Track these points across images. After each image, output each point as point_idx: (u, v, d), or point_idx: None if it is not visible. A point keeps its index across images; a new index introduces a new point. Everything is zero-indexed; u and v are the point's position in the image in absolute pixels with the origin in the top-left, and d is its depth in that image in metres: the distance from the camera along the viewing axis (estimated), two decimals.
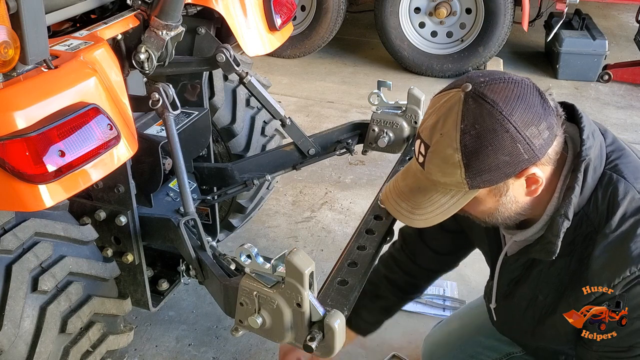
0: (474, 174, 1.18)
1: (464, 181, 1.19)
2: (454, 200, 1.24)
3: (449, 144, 1.18)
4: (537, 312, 1.44)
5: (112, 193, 1.83)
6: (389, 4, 5.09)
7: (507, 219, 1.32)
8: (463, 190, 1.22)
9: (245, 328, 1.47)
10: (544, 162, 1.21)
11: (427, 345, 2.07)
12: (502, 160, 1.16)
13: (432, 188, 1.26)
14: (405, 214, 1.31)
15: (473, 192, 1.22)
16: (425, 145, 1.23)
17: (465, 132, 1.16)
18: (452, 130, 1.17)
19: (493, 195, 1.24)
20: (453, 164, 1.18)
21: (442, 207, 1.25)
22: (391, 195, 1.35)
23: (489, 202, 1.26)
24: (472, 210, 1.31)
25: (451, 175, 1.20)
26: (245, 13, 2.16)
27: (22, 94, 1.34)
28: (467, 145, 1.16)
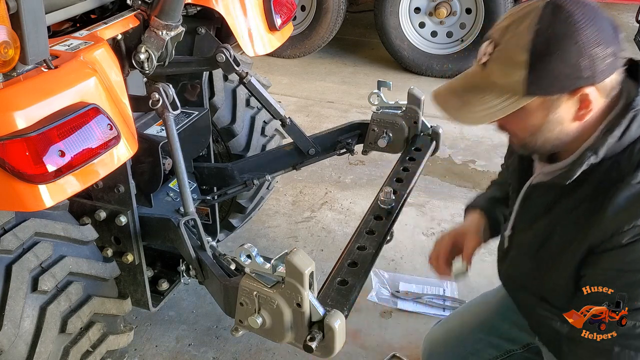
0: (534, 79, 1.20)
1: (522, 83, 1.21)
2: (505, 104, 1.25)
3: (519, 43, 1.21)
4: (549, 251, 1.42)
5: (112, 193, 1.83)
6: (389, 4, 5.09)
7: (545, 143, 1.33)
8: (518, 95, 1.23)
9: (245, 328, 1.47)
10: (599, 88, 1.23)
11: (427, 342, 2.07)
12: (563, 71, 1.19)
13: (487, 89, 1.27)
14: (454, 110, 1.32)
15: (525, 100, 1.24)
16: (494, 44, 1.25)
17: (538, 35, 1.19)
18: (525, 31, 1.20)
19: (543, 109, 1.26)
20: (517, 65, 1.21)
21: (491, 108, 1.27)
22: (443, 92, 1.37)
23: (536, 117, 1.28)
24: (517, 124, 1.32)
25: (511, 76, 1.22)
26: (245, 13, 2.16)
27: (22, 94, 1.34)
28: (536, 47, 1.19)
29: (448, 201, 3.44)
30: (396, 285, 2.76)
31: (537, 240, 1.46)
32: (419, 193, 3.48)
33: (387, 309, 2.65)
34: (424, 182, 3.58)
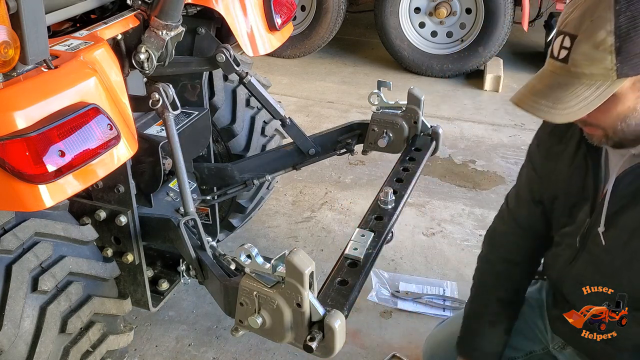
0: (625, 58, 1.18)
1: (613, 67, 1.19)
2: (598, 92, 1.22)
3: (602, 26, 1.18)
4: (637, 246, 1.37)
5: (112, 193, 1.83)
6: (389, 4, 5.09)
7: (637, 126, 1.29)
8: (609, 80, 1.21)
9: (245, 328, 1.47)
10: None
11: (428, 345, 2.07)
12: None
13: (575, 82, 1.24)
14: (546, 110, 1.28)
15: (618, 83, 1.21)
16: (570, 38, 1.23)
17: (620, 13, 1.16)
18: (605, 13, 1.18)
19: (635, 90, 1.23)
20: (604, 49, 1.18)
21: (585, 99, 1.23)
22: (526, 96, 1.33)
23: (629, 99, 1.25)
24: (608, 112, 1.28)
25: (600, 63, 1.20)
26: (245, 13, 2.16)
27: (22, 94, 1.34)
28: (621, 27, 1.16)
29: (448, 201, 3.45)
30: (396, 285, 2.76)
31: (624, 236, 1.41)
32: (419, 193, 3.48)
33: (387, 309, 2.65)
34: (424, 182, 3.58)
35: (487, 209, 3.36)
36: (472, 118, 4.50)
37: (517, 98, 1.34)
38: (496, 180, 3.67)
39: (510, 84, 5.00)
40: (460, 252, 3.01)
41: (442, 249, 3.04)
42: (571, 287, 1.59)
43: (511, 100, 1.36)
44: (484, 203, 3.43)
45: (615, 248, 1.42)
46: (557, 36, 1.27)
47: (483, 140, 4.16)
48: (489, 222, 3.23)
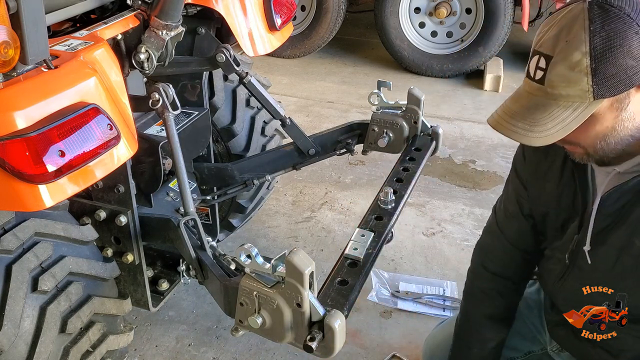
0: (601, 80, 1.16)
1: (589, 89, 1.17)
2: (576, 114, 1.20)
3: (577, 47, 1.16)
4: (631, 261, 1.36)
5: (112, 193, 1.83)
6: (389, 4, 5.09)
7: (617, 144, 1.28)
8: (586, 101, 1.19)
9: (245, 328, 1.47)
10: None
11: (428, 345, 2.07)
12: (629, 64, 1.15)
13: (552, 103, 1.23)
14: (523, 133, 1.27)
15: (595, 104, 1.19)
16: (545, 58, 1.21)
17: (595, 34, 1.15)
18: (580, 34, 1.16)
19: (613, 110, 1.22)
20: (580, 71, 1.17)
21: (563, 122, 1.22)
22: (503, 119, 1.31)
23: (608, 119, 1.23)
24: (588, 132, 1.26)
25: (576, 84, 1.18)
26: (245, 13, 2.16)
27: (22, 94, 1.34)
28: (596, 48, 1.15)
29: (448, 201, 3.45)
30: (396, 285, 2.76)
31: (613, 254, 1.39)
32: (419, 193, 3.48)
33: (387, 309, 2.65)
34: (424, 182, 3.58)
35: (487, 209, 3.35)
36: (472, 118, 4.50)
37: (493, 120, 1.33)
38: (496, 180, 3.67)
39: (510, 84, 5.00)
40: (460, 252, 3.01)
41: (442, 249, 3.04)
42: (562, 301, 1.59)
43: (488, 122, 1.34)
44: (484, 203, 3.43)
45: (603, 266, 1.41)
46: (532, 56, 1.25)
47: (483, 140, 4.16)
48: None
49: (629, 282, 1.38)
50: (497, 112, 1.34)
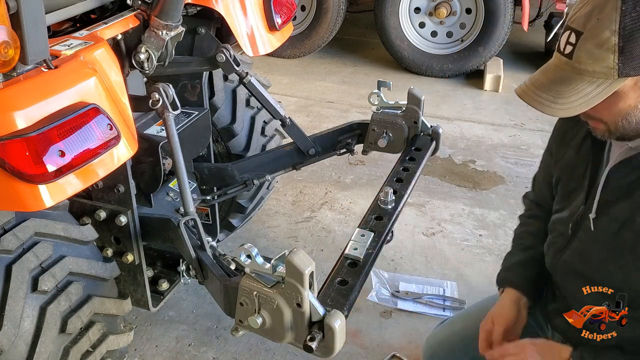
0: (627, 59, 1.20)
1: (615, 67, 1.21)
2: (599, 89, 1.25)
3: (607, 26, 1.20)
4: (631, 236, 1.39)
5: (112, 193, 1.83)
6: (389, 4, 5.09)
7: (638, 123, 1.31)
8: (611, 78, 1.23)
9: (245, 328, 1.47)
10: None
11: (428, 345, 2.07)
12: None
13: (577, 78, 1.27)
14: (547, 104, 1.31)
15: (619, 82, 1.23)
16: (576, 34, 1.25)
17: (626, 14, 1.19)
18: (611, 13, 1.20)
19: (637, 89, 1.26)
20: (607, 49, 1.21)
21: (586, 96, 1.26)
22: (529, 89, 1.36)
23: (630, 98, 1.27)
24: (610, 109, 1.30)
25: (603, 61, 1.22)
26: (245, 13, 2.16)
27: (22, 94, 1.34)
28: (626, 27, 1.19)
29: (448, 201, 3.45)
30: (396, 285, 2.76)
31: (614, 227, 1.42)
32: (419, 193, 3.48)
33: (387, 309, 2.65)
34: (424, 182, 3.58)
35: (487, 209, 3.36)
36: (472, 118, 4.50)
37: (520, 90, 1.37)
38: (496, 180, 3.67)
39: (510, 84, 5.00)
40: (460, 252, 3.01)
41: (442, 249, 3.04)
42: (560, 276, 1.62)
43: (515, 92, 1.38)
44: (484, 203, 3.43)
45: (604, 237, 1.44)
46: (564, 31, 1.29)
47: (483, 140, 4.16)
48: (489, 222, 3.24)
49: (626, 259, 1.41)
50: (525, 82, 1.38)
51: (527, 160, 3.85)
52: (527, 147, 4.00)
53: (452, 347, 1.94)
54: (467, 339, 1.92)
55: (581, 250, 1.52)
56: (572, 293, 1.59)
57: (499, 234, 3.15)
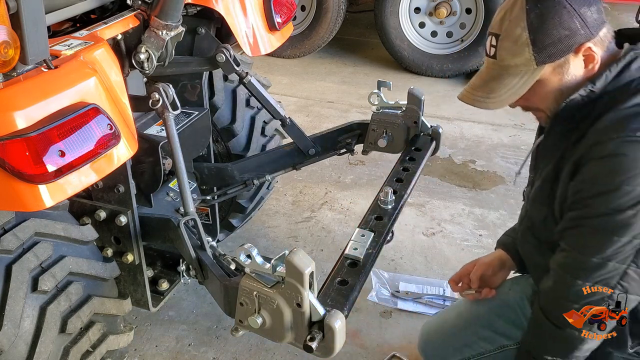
0: (540, 48, 1.39)
1: (531, 57, 1.40)
2: (524, 80, 1.44)
3: (518, 24, 1.40)
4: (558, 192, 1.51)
5: (112, 193, 1.83)
6: (389, 4, 5.08)
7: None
8: (531, 68, 1.42)
9: (245, 328, 1.47)
10: (596, 42, 1.41)
11: (423, 333, 2.09)
12: (562, 34, 1.38)
13: (504, 74, 1.46)
14: (481, 100, 1.51)
15: (539, 70, 1.42)
16: (495, 37, 1.46)
17: (530, 12, 1.39)
18: (519, 13, 1.41)
19: (557, 74, 1.44)
20: (522, 43, 1.40)
21: (513, 87, 1.45)
22: (467, 91, 1.56)
23: (554, 82, 1.45)
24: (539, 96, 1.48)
25: (520, 55, 1.41)
26: (245, 13, 2.16)
27: (22, 94, 1.34)
28: (532, 22, 1.39)
29: (448, 201, 3.45)
30: (396, 285, 2.76)
31: (547, 186, 1.57)
32: (419, 193, 3.48)
33: (387, 309, 2.65)
34: (424, 182, 3.58)
35: (487, 209, 3.36)
36: (472, 118, 4.49)
37: (460, 94, 1.58)
38: (496, 180, 3.67)
39: None
40: (460, 252, 3.01)
41: (442, 249, 3.04)
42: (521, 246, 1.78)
43: (457, 97, 1.59)
44: (484, 203, 3.43)
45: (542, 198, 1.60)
46: (487, 37, 1.49)
47: (483, 140, 4.16)
48: (489, 222, 3.24)
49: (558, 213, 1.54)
50: (465, 87, 1.58)
51: None
52: (527, 147, 3.99)
53: (445, 333, 1.98)
54: (459, 325, 1.96)
55: (530, 215, 1.68)
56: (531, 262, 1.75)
57: (499, 234, 3.09)
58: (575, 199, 1.43)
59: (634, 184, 1.31)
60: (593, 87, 1.42)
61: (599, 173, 1.37)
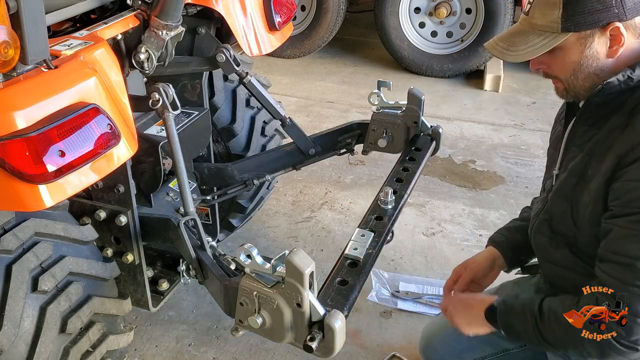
0: (569, 14, 1.37)
1: (558, 21, 1.38)
2: (545, 41, 1.42)
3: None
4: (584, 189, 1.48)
5: (112, 193, 1.83)
6: (389, 4, 5.08)
7: (585, 81, 1.45)
8: (555, 32, 1.40)
9: (245, 328, 1.47)
10: (629, 26, 1.37)
11: (424, 336, 2.09)
12: (595, 6, 1.35)
13: (529, 30, 1.45)
14: (501, 50, 1.52)
15: (562, 36, 1.40)
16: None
17: None
18: None
19: (579, 45, 1.41)
20: (554, 4, 1.39)
21: (533, 46, 1.44)
22: (494, 41, 1.56)
23: (574, 53, 1.42)
24: (558, 63, 1.46)
25: (549, 16, 1.40)
26: (245, 13, 2.16)
27: (22, 94, 1.34)
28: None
29: (448, 201, 3.45)
30: (396, 285, 2.76)
31: (572, 180, 1.53)
32: (419, 193, 3.48)
33: (387, 309, 2.65)
34: (424, 182, 3.58)
35: (487, 209, 3.36)
36: (472, 118, 4.50)
37: (487, 42, 1.58)
38: (496, 180, 3.67)
39: (510, 84, 5.00)
40: (460, 252, 3.01)
41: (442, 249, 3.04)
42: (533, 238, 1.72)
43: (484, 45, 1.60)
44: (484, 203, 3.43)
45: (564, 191, 1.56)
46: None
47: (483, 140, 4.16)
48: (489, 222, 3.24)
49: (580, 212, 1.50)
50: (495, 37, 1.58)
51: (527, 160, 3.85)
52: (527, 147, 4.00)
53: (446, 336, 1.97)
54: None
55: (549, 208, 1.64)
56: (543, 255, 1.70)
57: None
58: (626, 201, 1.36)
59: None
60: (632, 73, 1.39)
61: None
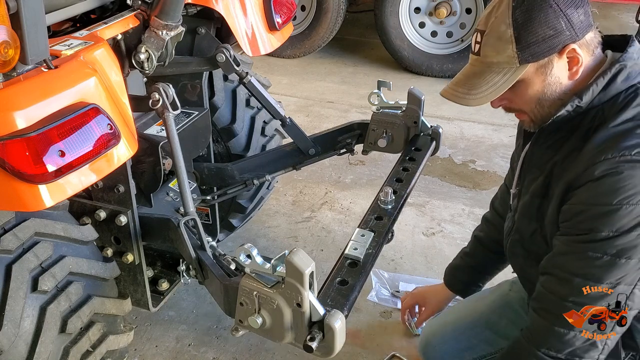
0: (523, 47, 1.37)
1: (515, 55, 1.38)
2: (505, 77, 1.40)
3: (503, 20, 1.38)
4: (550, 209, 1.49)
5: (112, 193, 1.83)
6: (389, 4, 5.08)
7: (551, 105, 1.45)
8: (514, 66, 1.39)
9: (245, 328, 1.47)
10: (582, 45, 1.39)
11: (424, 335, 2.09)
12: (547, 33, 1.35)
13: (486, 70, 1.43)
14: (462, 96, 1.48)
15: (522, 69, 1.39)
16: (481, 33, 1.43)
17: (516, 8, 1.36)
18: (505, 10, 1.38)
19: (539, 75, 1.41)
20: (505, 40, 1.38)
21: (494, 85, 1.42)
22: (450, 87, 1.53)
23: (536, 83, 1.42)
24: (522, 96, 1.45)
25: (504, 52, 1.38)
26: (245, 13, 2.16)
27: (22, 94, 1.34)
28: (517, 19, 1.36)
29: (448, 201, 3.45)
30: (396, 285, 2.76)
31: (536, 201, 1.53)
32: (419, 193, 3.48)
33: (387, 309, 2.65)
34: (424, 182, 3.58)
35: (487, 209, 3.35)
36: (472, 118, 4.50)
37: (443, 90, 1.55)
38: (496, 180, 3.67)
39: None
40: None
41: (442, 248, 3.04)
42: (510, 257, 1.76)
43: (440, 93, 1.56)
44: (484, 203, 3.41)
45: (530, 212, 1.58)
46: (473, 34, 1.47)
47: (483, 140, 4.16)
48: None
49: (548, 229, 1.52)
50: (448, 84, 1.55)
51: None
52: None
53: (446, 336, 1.98)
54: (460, 327, 1.96)
55: (518, 228, 1.66)
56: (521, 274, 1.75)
57: None
58: (573, 223, 1.39)
59: (634, 202, 1.29)
60: (580, 102, 1.40)
61: (598, 193, 1.33)
